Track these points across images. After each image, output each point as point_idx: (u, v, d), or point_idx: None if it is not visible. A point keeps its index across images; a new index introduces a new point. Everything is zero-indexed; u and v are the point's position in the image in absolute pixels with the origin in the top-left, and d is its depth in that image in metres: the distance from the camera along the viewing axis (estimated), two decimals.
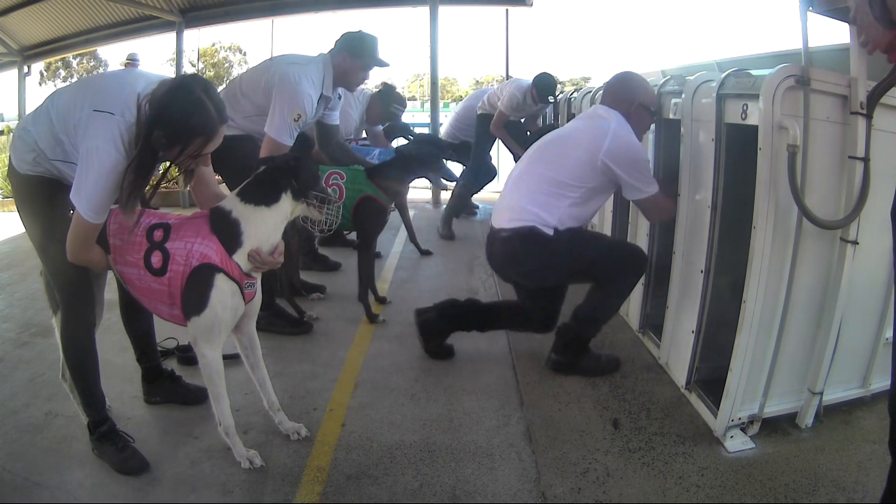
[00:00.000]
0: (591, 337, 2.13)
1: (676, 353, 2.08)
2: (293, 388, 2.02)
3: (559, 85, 4.43)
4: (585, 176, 1.97)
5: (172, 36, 6.25)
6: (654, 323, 2.34)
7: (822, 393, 1.73)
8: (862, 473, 1.54)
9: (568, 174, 1.96)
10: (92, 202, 1.36)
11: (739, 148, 1.74)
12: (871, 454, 1.62)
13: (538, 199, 1.98)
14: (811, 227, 1.56)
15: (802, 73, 1.50)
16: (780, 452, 1.64)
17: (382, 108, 3.45)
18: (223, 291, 1.47)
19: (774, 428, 1.74)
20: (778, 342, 1.67)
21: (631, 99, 2.03)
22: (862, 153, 1.55)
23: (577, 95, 3.56)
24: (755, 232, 1.57)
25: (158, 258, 1.48)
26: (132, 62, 6.13)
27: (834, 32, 1.80)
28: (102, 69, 25.62)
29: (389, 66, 2.48)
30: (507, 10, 6.68)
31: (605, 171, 1.95)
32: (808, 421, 1.75)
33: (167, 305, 1.52)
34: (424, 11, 5.70)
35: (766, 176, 1.54)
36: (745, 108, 1.65)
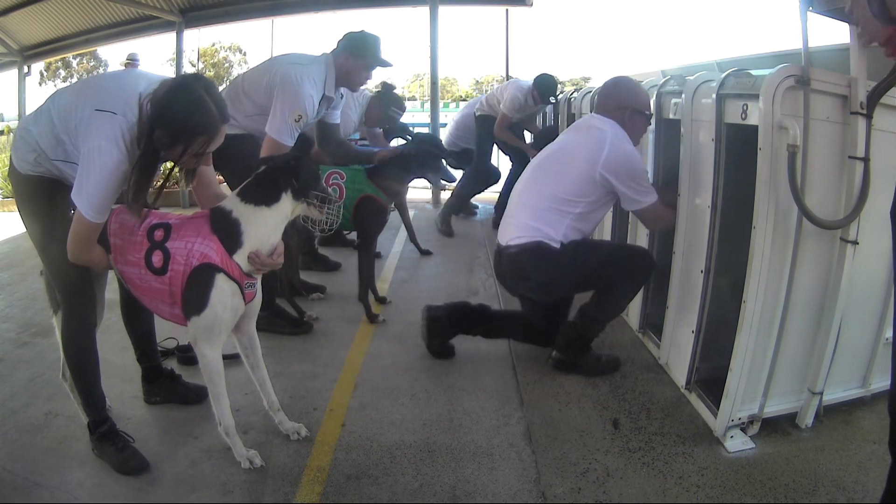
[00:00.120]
0: (594, 336, 2.13)
1: (676, 353, 2.08)
2: (293, 388, 2.02)
3: (559, 85, 4.43)
4: (585, 190, 1.98)
5: (172, 36, 6.25)
6: (654, 323, 2.34)
7: (822, 393, 1.73)
8: (862, 473, 1.54)
9: (568, 190, 1.99)
10: (93, 202, 1.36)
11: (739, 148, 1.74)
12: (871, 454, 1.62)
13: (541, 215, 2.01)
14: (811, 227, 1.56)
15: (802, 73, 1.50)
16: (780, 452, 1.64)
17: (381, 110, 3.45)
18: (223, 291, 1.47)
19: (774, 428, 1.74)
20: (778, 342, 1.67)
21: (624, 105, 2.04)
22: (862, 153, 1.55)
23: (577, 95, 3.56)
24: (755, 232, 1.57)
25: (159, 258, 1.48)
26: (132, 62, 6.13)
27: (834, 32, 1.81)
28: (102, 69, 25.61)
29: (392, 66, 2.47)
30: (507, 10, 6.69)
31: (603, 183, 1.96)
32: (808, 421, 1.75)
33: (168, 305, 1.52)
34: (424, 11, 5.70)
35: (766, 176, 1.54)
36: (745, 108, 1.64)
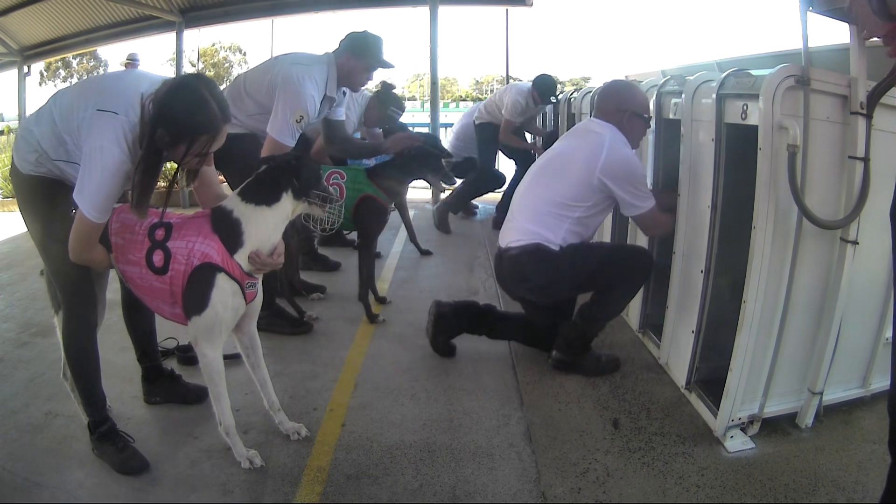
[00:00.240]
0: (594, 336, 2.14)
1: (676, 353, 2.08)
2: (293, 388, 2.02)
3: (559, 85, 4.44)
4: (584, 195, 1.99)
5: (172, 36, 6.25)
6: (654, 323, 2.34)
7: (822, 393, 1.73)
8: (862, 473, 1.54)
9: (566, 194, 1.99)
10: (95, 201, 1.36)
11: (739, 148, 1.74)
12: (871, 454, 1.62)
13: (540, 219, 2.02)
14: (811, 227, 1.57)
15: (802, 73, 1.50)
16: (780, 452, 1.64)
17: (380, 110, 3.44)
18: (224, 291, 1.47)
19: (774, 428, 1.74)
20: (778, 342, 1.67)
21: (622, 108, 2.04)
22: (862, 153, 1.55)
23: (577, 95, 3.56)
24: (755, 232, 1.57)
25: (160, 257, 1.48)
26: (132, 62, 6.13)
27: (834, 32, 1.81)
28: (102, 69, 25.61)
29: (394, 67, 2.46)
30: (507, 10, 6.69)
31: (601, 188, 1.97)
32: (808, 421, 1.75)
33: (168, 304, 1.52)
34: (424, 11, 5.70)
35: (766, 176, 1.54)
36: (745, 108, 1.64)
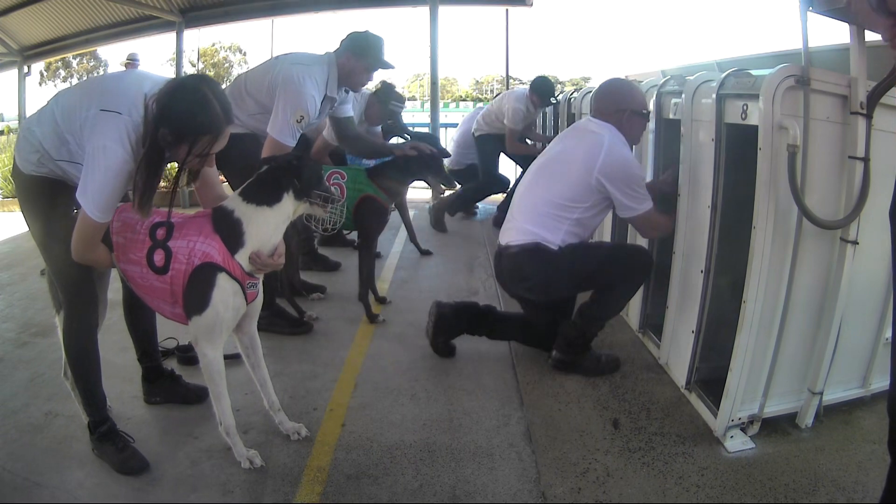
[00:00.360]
0: (594, 335, 2.13)
1: (676, 353, 2.08)
2: (293, 388, 2.02)
3: (559, 85, 4.46)
4: (582, 195, 1.99)
5: (172, 36, 6.26)
6: (654, 323, 2.34)
7: (822, 393, 1.73)
8: (862, 473, 1.54)
9: (565, 195, 2.00)
10: (98, 201, 1.35)
11: (739, 148, 1.74)
12: (871, 454, 1.62)
13: (539, 220, 2.03)
14: (811, 227, 1.57)
15: (802, 73, 1.50)
16: (780, 452, 1.64)
17: (381, 107, 3.43)
18: (225, 291, 1.47)
19: (774, 428, 1.74)
20: (778, 342, 1.67)
21: (622, 108, 2.04)
22: (862, 153, 1.55)
23: (576, 95, 3.56)
24: (755, 232, 1.57)
25: (161, 256, 1.48)
26: (132, 62, 6.13)
27: (834, 32, 1.81)
28: (102, 69, 25.62)
29: (395, 68, 2.46)
30: (507, 10, 6.70)
31: (599, 188, 1.97)
32: (808, 421, 1.75)
33: (169, 304, 1.52)
34: (424, 11, 5.70)
35: (766, 176, 1.54)
36: (745, 108, 1.64)
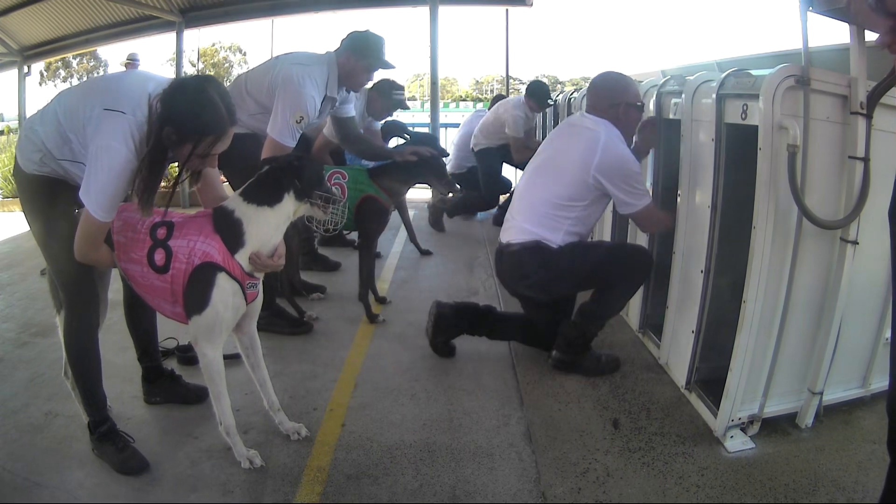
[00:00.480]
0: (594, 335, 2.13)
1: (676, 353, 2.08)
2: (293, 388, 2.02)
3: (559, 85, 4.50)
4: (580, 194, 1.99)
5: (172, 36, 6.25)
6: (654, 323, 2.34)
7: (822, 393, 1.73)
8: (862, 473, 1.54)
9: (563, 195, 2.00)
10: (101, 201, 1.35)
11: (739, 148, 1.74)
12: (870, 454, 1.62)
13: (538, 220, 2.03)
14: (811, 227, 1.57)
15: (802, 73, 1.50)
16: (780, 452, 1.64)
17: (384, 100, 3.35)
18: (225, 291, 1.47)
19: (774, 428, 1.74)
20: (778, 342, 1.67)
21: (616, 102, 2.04)
22: (862, 153, 1.55)
23: (576, 95, 3.56)
24: (755, 232, 1.57)
25: (161, 256, 1.48)
26: (132, 62, 6.13)
27: (834, 32, 1.81)
28: (102, 69, 25.65)
29: (395, 67, 2.44)
30: (507, 10, 6.70)
31: (597, 186, 1.97)
32: (808, 421, 1.75)
33: (169, 303, 1.52)
34: (424, 11, 5.69)
35: (766, 176, 1.54)
36: (745, 108, 1.64)
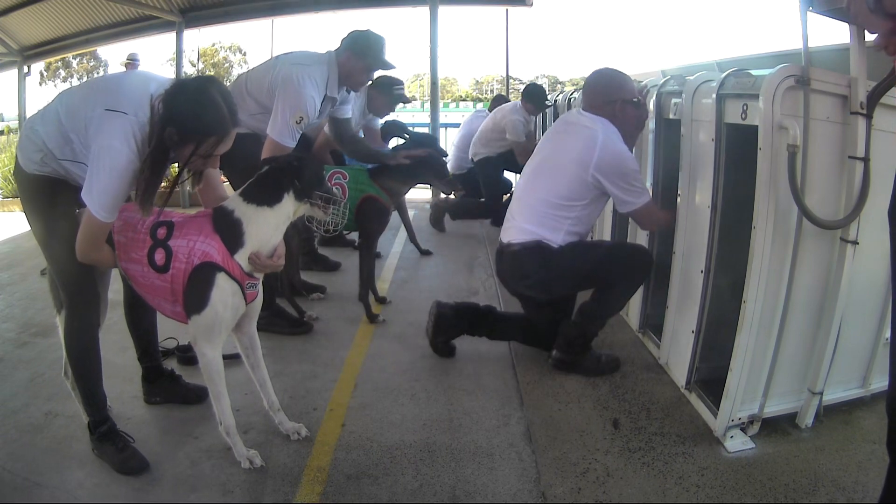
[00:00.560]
0: (594, 334, 2.13)
1: (676, 353, 2.08)
2: (293, 388, 2.02)
3: (559, 85, 4.52)
4: (579, 193, 1.99)
5: (172, 36, 6.25)
6: (654, 323, 2.34)
7: (822, 393, 1.73)
8: (862, 473, 1.54)
9: (562, 194, 2.00)
10: (103, 201, 1.35)
11: (739, 148, 1.74)
12: (870, 454, 1.62)
13: (538, 220, 2.03)
14: (811, 227, 1.56)
15: (802, 73, 1.50)
16: (780, 452, 1.64)
17: (384, 96, 3.31)
18: (224, 290, 1.47)
19: (774, 428, 1.74)
20: (778, 342, 1.67)
21: (613, 99, 2.03)
22: (862, 153, 1.55)
23: (577, 95, 3.56)
24: (755, 232, 1.57)
25: (161, 255, 1.48)
26: (132, 62, 6.13)
27: (834, 32, 1.81)
28: (102, 69, 25.67)
29: (395, 68, 2.44)
30: (507, 10, 6.69)
31: (595, 184, 1.97)
32: (808, 421, 1.75)
33: (169, 303, 1.52)
34: (424, 11, 5.70)
35: (766, 176, 1.54)
36: (745, 108, 1.64)
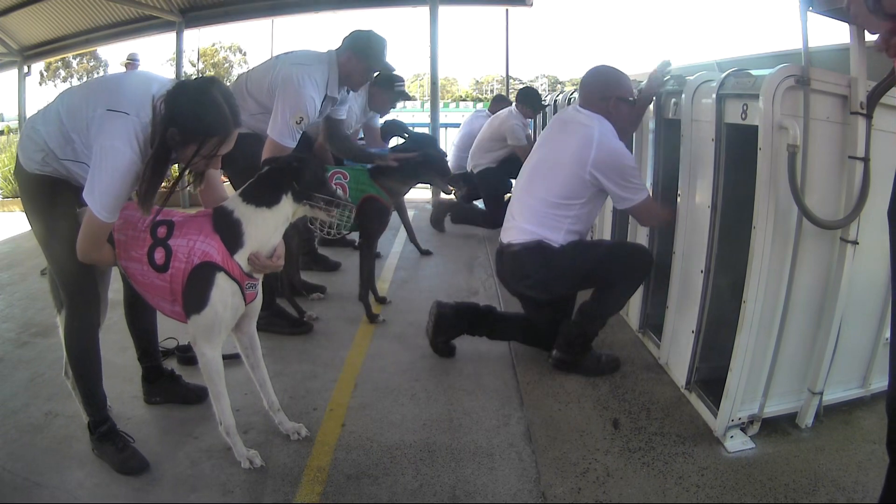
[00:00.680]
0: (595, 334, 2.13)
1: (676, 353, 2.08)
2: (293, 388, 2.02)
3: (559, 85, 4.51)
4: (578, 191, 1.99)
5: (172, 36, 6.25)
6: (654, 323, 2.34)
7: (822, 393, 1.73)
8: (862, 473, 1.54)
9: (560, 193, 2.00)
10: (105, 201, 1.35)
11: (739, 148, 1.74)
12: (870, 454, 1.62)
13: (538, 220, 2.03)
14: (811, 227, 1.57)
15: (802, 73, 1.50)
16: (780, 452, 1.64)
17: (385, 93, 3.25)
18: (223, 290, 1.47)
19: (774, 428, 1.74)
20: (778, 342, 1.67)
21: (607, 96, 2.04)
22: (862, 153, 1.55)
23: (576, 95, 3.56)
24: (755, 232, 1.57)
25: (161, 254, 1.48)
26: (132, 62, 6.13)
27: (834, 32, 1.81)
28: (102, 69, 25.68)
29: (395, 70, 2.43)
30: (507, 10, 6.69)
31: (593, 182, 1.97)
32: (808, 421, 1.75)
33: (169, 302, 1.52)
34: (424, 11, 5.69)
35: (766, 176, 1.54)
36: (745, 108, 1.65)
